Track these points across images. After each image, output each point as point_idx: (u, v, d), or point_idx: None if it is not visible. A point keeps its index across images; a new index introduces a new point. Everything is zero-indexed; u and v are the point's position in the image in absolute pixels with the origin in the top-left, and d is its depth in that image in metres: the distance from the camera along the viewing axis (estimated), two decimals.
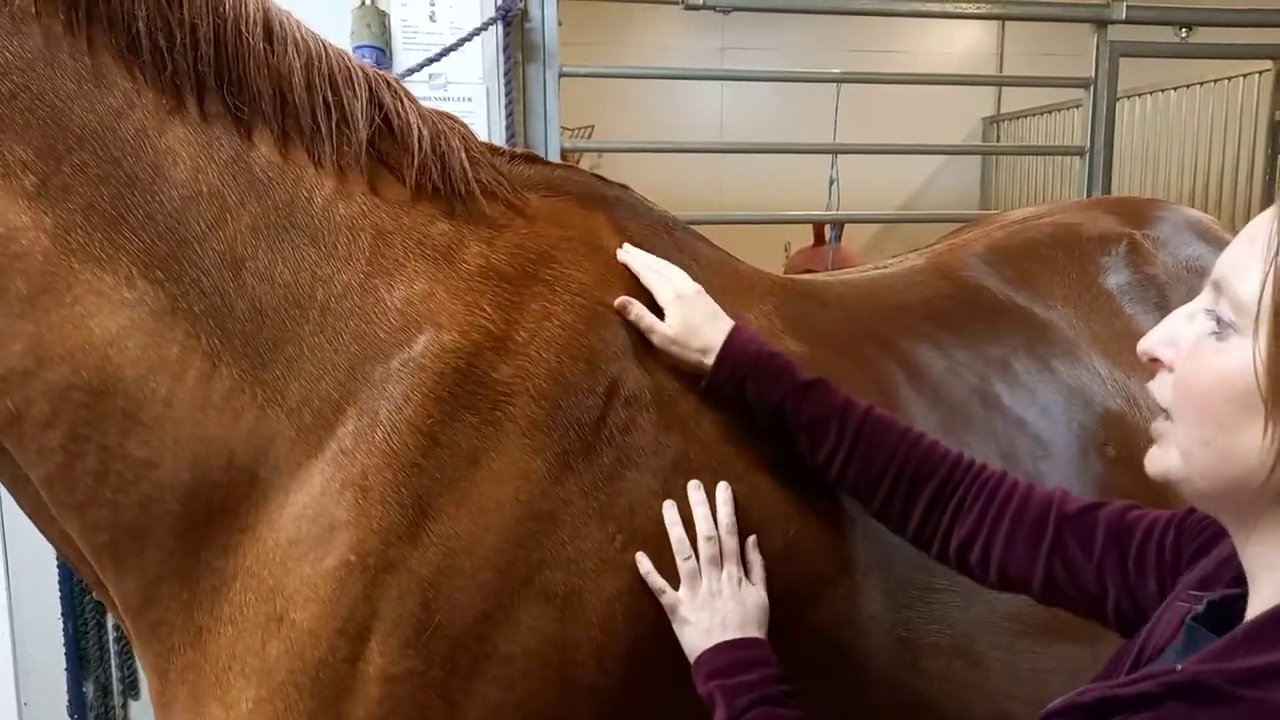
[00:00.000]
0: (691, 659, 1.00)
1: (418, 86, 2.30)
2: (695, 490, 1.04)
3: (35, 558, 2.30)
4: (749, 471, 1.08)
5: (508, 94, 2.39)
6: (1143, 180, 4.72)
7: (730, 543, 1.04)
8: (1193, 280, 1.44)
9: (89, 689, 2.48)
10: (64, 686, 2.42)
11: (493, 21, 2.31)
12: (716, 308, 1.11)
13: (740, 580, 1.03)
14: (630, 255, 1.12)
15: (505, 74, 2.38)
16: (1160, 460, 0.70)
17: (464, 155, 1.05)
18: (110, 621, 2.55)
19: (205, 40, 0.92)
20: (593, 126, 4.78)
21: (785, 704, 0.95)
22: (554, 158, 2.53)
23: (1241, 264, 0.64)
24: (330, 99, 0.98)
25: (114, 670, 2.52)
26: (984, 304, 1.37)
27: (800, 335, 1.22)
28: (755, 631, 1.01)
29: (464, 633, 0.91)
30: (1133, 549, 0.90)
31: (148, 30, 0.89)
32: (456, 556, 0.92)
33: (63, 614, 2.38)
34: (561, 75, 2.55)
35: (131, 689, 2.60)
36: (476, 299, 0.99)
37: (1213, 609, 0.72)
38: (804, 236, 5.12)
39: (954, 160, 6.41)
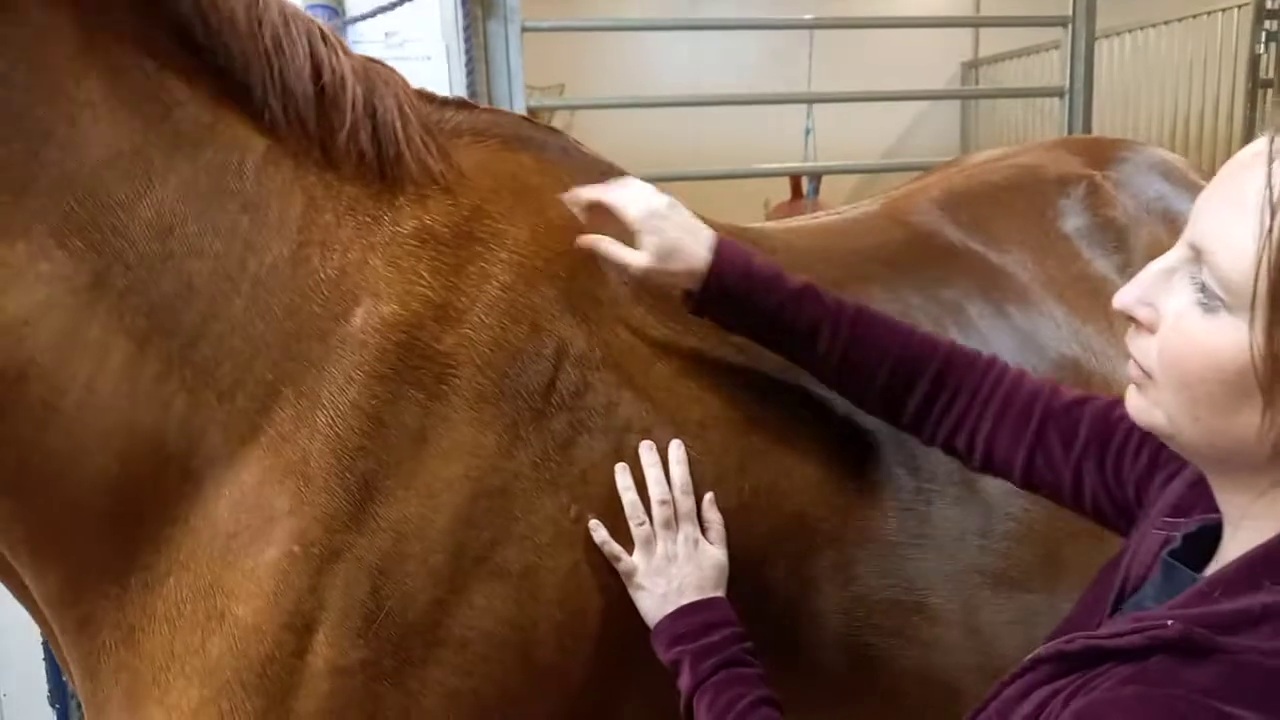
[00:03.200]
0: (651, 626, 0.97)
1: (373, 46, 2.20)
2: (647, 451, 1.00)
3: None
4: (703, 428, 1.04)
5: (468, 51, 2.30)
6: (1124, 121, 4.66)
7: (685, 503, 1.00)
8: (1154, 223, 1.42)
9: (69, 679, 2.45)
10: (43, 677, 2.38)
11: None
12: (693, 219, 1.03)
13: (697, 541, 1.00)
14: (578, 191, 1.04)
15: (465, 30, 2.30)
16: (1145, 413, 0.68)
17: (396, 112, 0.97)
18: None
19: None
20: (563, 85, 4.67)
21: (748, 663, 0.94)
22: None
23: (1227, 232, 0.60)
24: (271, 51, 0.88)
25: None
26: (937, 249, 1.33)
27: None
28: (714, 592, 0.98)
29: (416, 619, 0.87)
30: (1111, 449, 0.91)
31: None
32: (406, 541, 0.87)
33: None
34: (524, 30, 2.47)
35: None
36: (414, 265, 0.93)
37: (1187, 541, 0.72)
38: (783, 190, 5.05)
39: (933, 108, 6.32)
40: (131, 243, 0.82)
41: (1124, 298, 0.68)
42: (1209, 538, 0.70)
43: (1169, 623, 0.60)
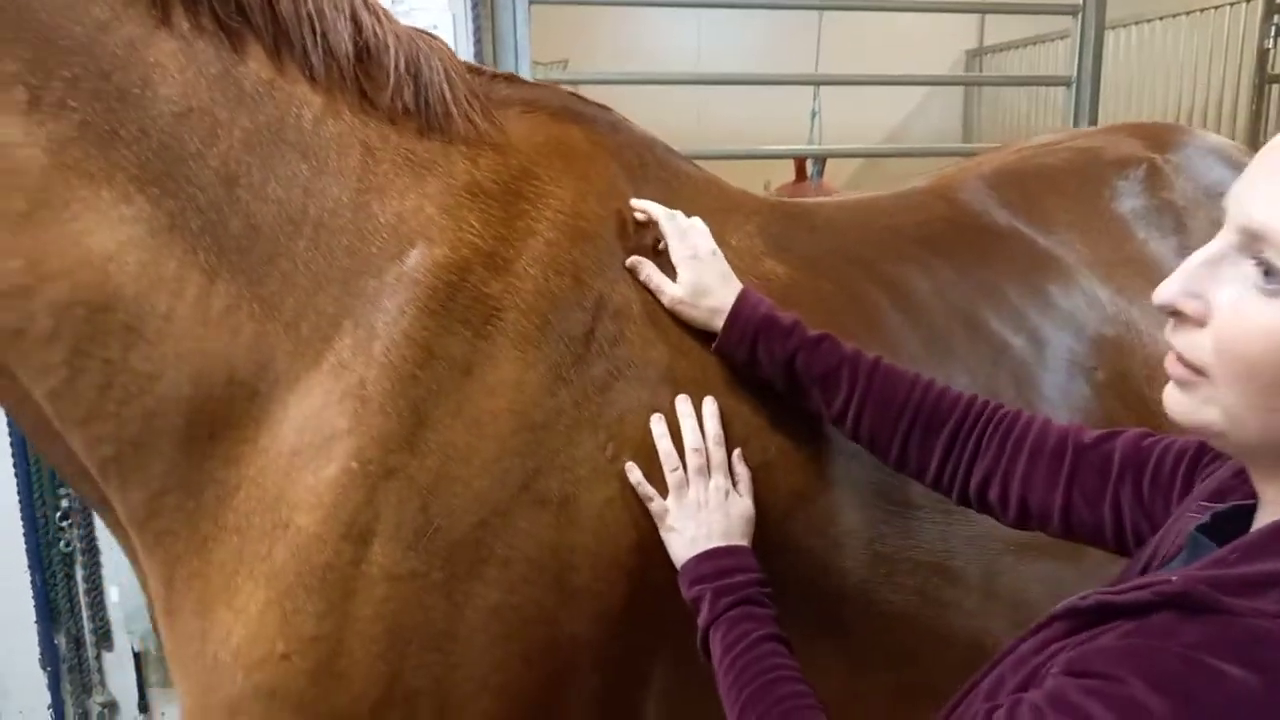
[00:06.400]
0: (678, 566, 1.03)
1: None
2: (683, 403, 1.06)
3: None
4: (732, 387, 1.10)
5: (475, 22, 2.28)
6: (1129, 113, 4.64)
7: (718, 454, 1.05)
8: (1213, 207, 1.41)
9: (60, 641, 2.45)
10: (35, 639, 2.39)
11: None
12: (729, 269, 1.11)
13: (727, 491, 1.05)
14: (650, 205, 1.13)
15: (473, 1, 2.27)
16: (1194, 412, 0.66)
17: (443, 75, 1.05)
18: (80, 573, 2.51)
19: None
20: (567, 60, 4.63)
21: (764, 604, 0.98)
22: None
23: None
24: (315, 14, 0.97)
25: (85, 622, 2.49)
26: (979, 227, 1.36)
27: (782, 257, 1.22)
28: (740, 540, 1.03)
29: (463, 537, 0.94)
30: (1147, 474, 0.90)
31: None
32: (453, 464, 0.94)
33: (29, 566, 2.33)
34: (533, 3, 2.44)
35: (104, 640, 2.57)
36: (465, 215, 1.01)
37: (1218, 520, 0.71)
38: (785, 173, 5.03)
39: (937, 95, 6.30)
40: (202, 189, 0.91)
41: (1167, 292, 0.65)
42: (1243, 521, 0.69)
43: (1173, 579, 0.61)
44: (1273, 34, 3.35)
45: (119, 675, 2.62)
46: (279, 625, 0.90)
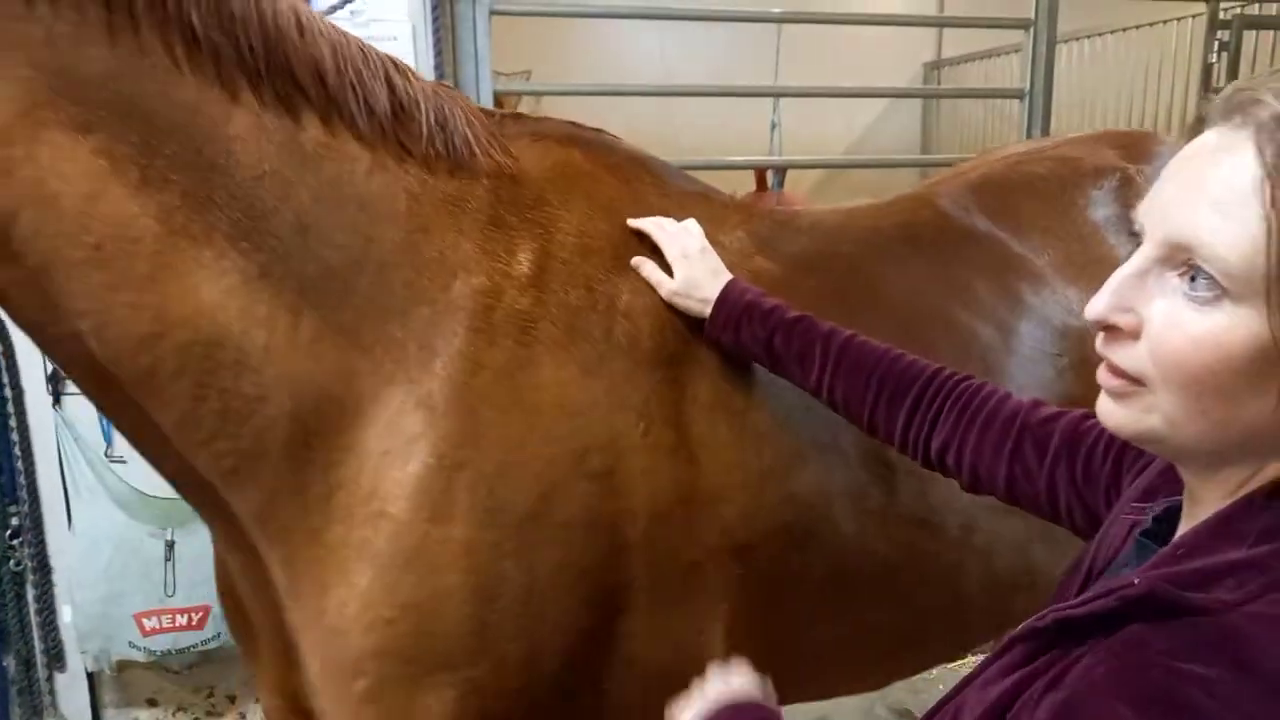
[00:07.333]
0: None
1: (338, 22, 2.17)
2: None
3: None
4: (732, 364, 1.27)
5: (435, 33, 2.28)
6: (1081, 124, 4.73)
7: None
8: None
9: (9, 662, 2.39)
10: None
11: None
12: (720, 264, 1.26)
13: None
14: (641, 222, 1.28)
15: (432, 10, 2.27)
16: (1134, 422, 0.67)
17: (464, 122, 1.22)
18: (31, 592, 2.45)
19: (254, 35, 1.05)
20: (530, 71, 4.63)
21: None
22: (486, 102, 2.43)
23: (1217, 225, 0.60)
24: (355, 81, 1.12)
25: (37, 642, 2.43)
26: (956, 231, 1.51)
27: (770, 255, 1.38)
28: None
29: (527, 511, 1.12)
30: (1080, 457, 0.95)
31: (204, 30, 1.02)
32: (512, 453, 1.12)
33: None
34: (493, 13, 2.44)
35: (57, 660, 2.51)
36: (493, 246, 1.18)
37: (1157, 523, 0.73)
38: (747, 183, 5.07)
39: (896, 106, 6.39)
40: (281, 240, 1.07)
41: (1098, 307, 0.66)
42: (1176, 519, 0.71)
43: (1135, 581, 0.61)
44: (1216, 49, 3.44)
45: (72, 696, 2.56)
46: (383, 596, 1.08)
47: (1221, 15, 3.43)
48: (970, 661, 3.37)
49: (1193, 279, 0.61)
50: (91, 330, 1.02)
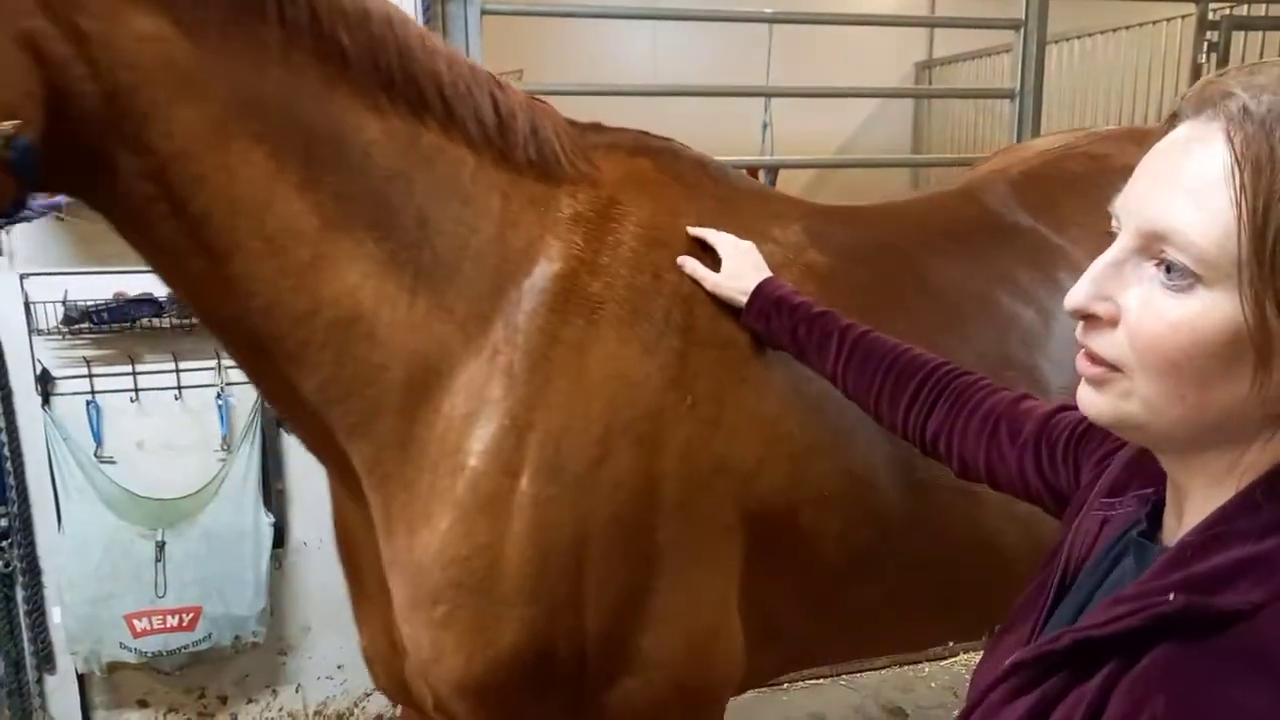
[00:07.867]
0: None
1: None
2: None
3: None
4: (775, 351, 1.41)
5: None
6: (1070, 124, 4.74)
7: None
8: None
9: None
10: None
11: None
12: (762, 262, 1.41)
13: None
14: (699, 230, 1.43)
15: (424, 11, 2.27)
16: (1112, 408, 0.68)
17: (553, 132, 1.38)
18: (21, 594, 2.44)
19: (391, 54, 1.22)
20: (521, 71, 4.63)
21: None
22: None
23: (1189, 213, 0.61)
24: (468, 94, 1.30)
25: (26, 644, 2.42)
26: (998, 225, 1.66)
27: (823, 248, 1.53)
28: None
29: (584, 469, 1.28)
30: (1044, 445, 1.01)
31: (354, 49, 1.20)
32: (575, 417, 1.28)
33: None
34: (484, 13, 2.45)
35: (47, 662, 2.50)
36: (572, 237, 1.35)
37: (1147, 520, 0.73)
38: None
39: (887, 106, 6.41)
40: (405, 231, 1.25)
41: (1077, 297, 0.67)
42: (1158, 515, 0.71)
43: (1171, 596, 0.60)
44: (1205, 49, 3.46)
45: (62, 698, 2.55)
46: (461, 537, 1.26)
47: (1210, 16, 3.45)
48: (962, 659, 3.38)
49: (1169, 267, 0.62)
50: (261, 308, 1.20)
